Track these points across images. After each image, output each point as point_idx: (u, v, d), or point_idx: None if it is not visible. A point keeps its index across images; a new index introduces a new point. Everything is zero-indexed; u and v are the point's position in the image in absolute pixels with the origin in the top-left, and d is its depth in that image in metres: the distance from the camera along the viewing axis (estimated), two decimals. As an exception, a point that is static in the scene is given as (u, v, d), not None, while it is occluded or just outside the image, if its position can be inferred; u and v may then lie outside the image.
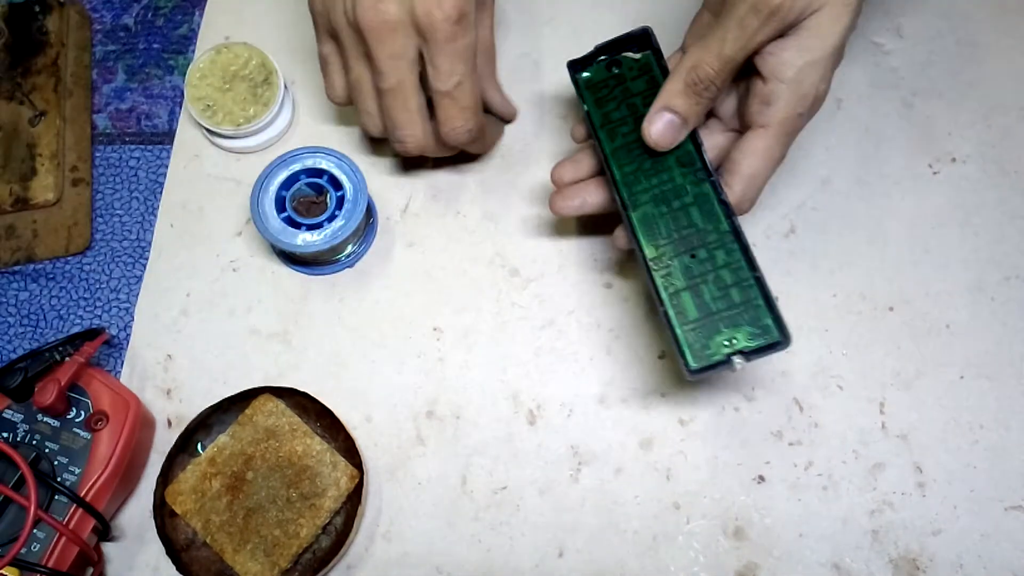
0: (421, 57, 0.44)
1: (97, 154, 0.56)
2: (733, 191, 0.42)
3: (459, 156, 0.53)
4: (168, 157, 0.56)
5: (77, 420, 0.46)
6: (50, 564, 0.43)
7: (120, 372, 0.51)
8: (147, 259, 0.53)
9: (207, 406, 0.48)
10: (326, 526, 0.46)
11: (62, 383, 0.45)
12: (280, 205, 0.50)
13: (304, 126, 0.56)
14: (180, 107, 0.57)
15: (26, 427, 0.46)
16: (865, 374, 0.50)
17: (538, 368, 0.50)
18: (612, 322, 0.51)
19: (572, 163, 0.48)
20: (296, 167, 0.50)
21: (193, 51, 0.58)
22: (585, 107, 0.46)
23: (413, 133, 0.46)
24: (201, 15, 0.59)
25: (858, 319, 0.51)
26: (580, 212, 0.47)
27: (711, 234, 0.42)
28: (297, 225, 0.49)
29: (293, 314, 0.52)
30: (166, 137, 0.56)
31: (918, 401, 0.49)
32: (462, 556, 0.47)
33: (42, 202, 0.54)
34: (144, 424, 0.48)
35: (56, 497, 0.44)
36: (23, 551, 0.43)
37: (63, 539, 0.43)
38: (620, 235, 0.45)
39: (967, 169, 0.54)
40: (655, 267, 0.43)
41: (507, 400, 0.50)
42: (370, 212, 0.52)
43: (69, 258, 0.54)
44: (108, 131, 0.57)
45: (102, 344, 0.50)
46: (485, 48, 0.49)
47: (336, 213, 0.49)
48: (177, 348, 0.51)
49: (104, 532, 0.46)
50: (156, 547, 0.46)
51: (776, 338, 0.40)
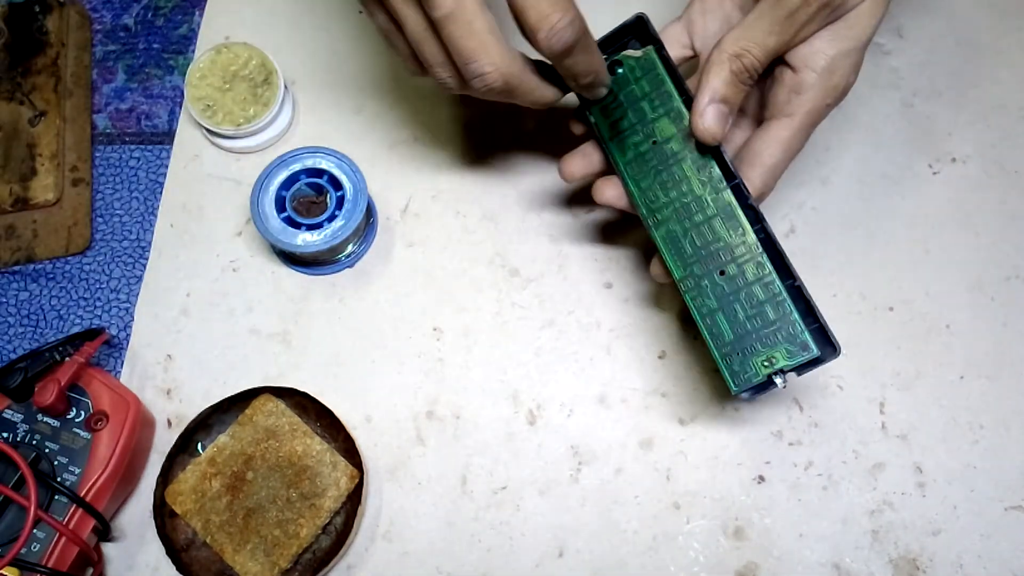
0: None
1: (97, 154, 0.56)
2: (753, 183, 0.41)
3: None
4: (168, 157, 0.56)
5: (77, 420, 0.46)
6: (50, 564, 0.43)
7: (120, 372, 0.51)
8: (147, 259, 0.53)
9: (207, 406, 0.48)
10: (326, 526, 0.46)
11: (62, 383, 0.45)
12: (280, 205, 0.50)
13: (304, 126, 0.56)
14: (180, 107, 0.57)
15: (26, 427, 0.46)
16: (865, 374, 0.50)
17: (538, 368, 0.50)
18: (612, 322, 0.51)
19: (581, 156, 0.46)
20: (296, 167, 0.50)
21: (193, 51, 0.58)
22: (592, 119, 0.44)
23: (491, 60, 0.37)
24: (201, 15, 0.59)
25: (858, 319, 0.51)
26: (588, 170, 0.45)
27: (739, 247, 0.40)
28: (297, 225, 0.49)
29: (293, 314, 0.52)
30: (166, 137, 0.56)
31: (918, 401, 0.49)
32: (462, 556, 0.47)
33: (42, 202, 0.54)
34: (144, 424, 0.48)
35: (56, 497, 0.44)
36: (23, 551, 0.43)
37: (63, 539, 0.43)
38: (657, 268, 0.43)
39: (967, 169, 0.54)
40: (685, 288, 0.41)
41: (507, 400, 0.50)
42: (370, 212, 0.52)
43: (69, 258, 0.54)
44: (108, 131, 0.57)
45: (102, 344, 0.50)
46: None
47: (336, 213, 0.49)
48: (177, 348, 0.51)
49: (104, 532, 0.46)
50: (156, 547, 0.46)
51: (815, 354, 0.38)
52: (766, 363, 0.39)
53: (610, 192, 0.44)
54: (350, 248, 0.52)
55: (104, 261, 0.54)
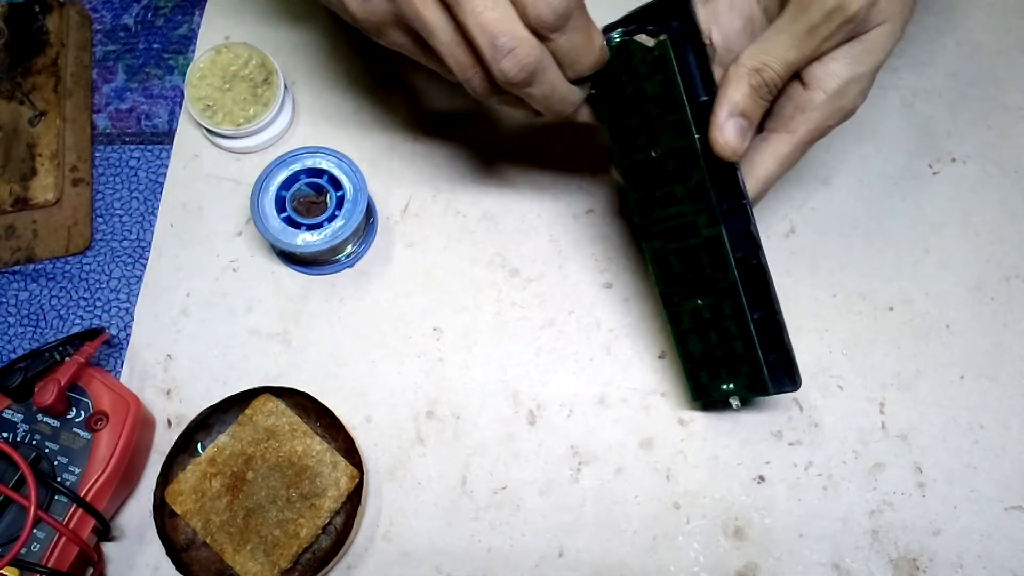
0: None
1: (97, 154, 0.56)
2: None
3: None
4: (168, 157, 0.56)
5: (77, 420, 0.46)
6: (50, 564, 0.43)
7: (120, 372, 0.51)
8: (147, 259, 0.53)
9: (207, 406, 0.48)
10: (326, 526, 0.46)
11: (62, 383, 0.45)
12: (280, 205, 0.50)
13: (304, 126, 0.56)
14: (180, 107, 0.57)
15: (26, 427, 0.46)
16: (865, 374, 0.50)
17: (538, 368, 0.50)
18: (612, 322, 0.51)
19: None
20: (296, 167, 0.50)
21: (193, 51, 0.58)
22: (600, 110, 0.42)
23: (518, 34, 0.34)
24: (201, 15, 0.59)
25: (858, 319, 0.51)
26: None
27: (721, 283, 0.41)
28: (297, 225, 0.49)
29: (293, 314, 0.52)
30: (166, 137, 0.56)
31: (918, 401, 0.49)
32: (462, 556, 0.47)
33: (42, 202, 0.54)
34: (144, 424, 0.48)
35: (56, 497, 0.44)
36: (23, 551, 0.43)
37: (63, 539, 0.43)
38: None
39: (967, 169, 0.54)
40: (665, 302, 0.44)
41: (507, 400, 0.50)
42: (370, 212, 0.52)
43: (69, 258, 0.54)
44: (108, 131, 0.57)
45: (102, 344, 0.50)
46: None
47: (336, 213, 0.49)
48: (177, 348, 0.51)
49: (104, 532, 0.46)
50: (156, 547, 0.46)
51: (770, 393, 0.43)
52: (725, 387, 0.44)
53: None
54: (350, 248, 0.52)
55: (104, 261, 0.54)
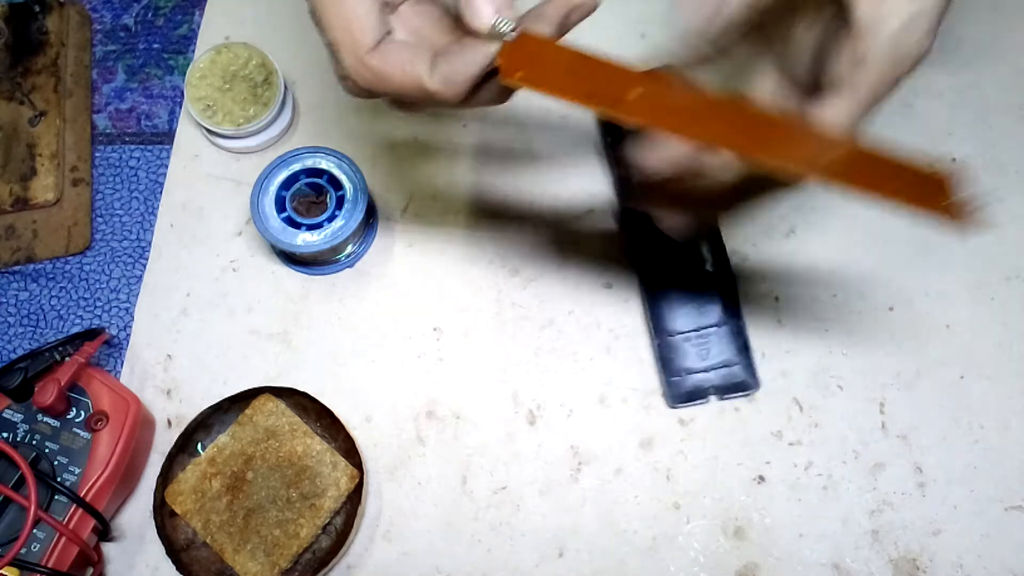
0: None
1: (97, 154, 0.56)
2: None
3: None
4: (168, 157, 0.56)
5: (77, 420, 0.46)
6: (50, 564, 0.43)
7: (120, 372, 0.51)
8: (147, 259, 0.53)
9: (207, 406, 0.48)
10: (326, 526, 0.46)
11: (62, 383, 0.45)
12: (280, 205, 0.50)
13: (304, 126, 0.56)
14: (180, 107, 0.57)
15: (26, 427, 0.46)
16: (865, 374, 0.50)
17: (538, 368, 0.50)
18: (612, 322, 0.51)
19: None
20: (296, 167, 0.50)
21: (193, 51, 0.58)
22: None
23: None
24: (201, 15, 0.59)
25: (858, 319, 0.51)
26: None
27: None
28: (297, 225, 0.49)
29: (293, 314, 0.52)
30: (166, 137, 0.56)
31: (918, 401, 0.49)
32: (462, 556, 0.47)
33: (42, 202, 0.54)
34: (144, 424, 0.48)
35: (56, 497, 0.44)
36: (23, 551, 0.43)
37: (63, 539, 0.43)
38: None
39: (967, 169, 0.54)
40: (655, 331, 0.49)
41: (507, 400, 0.50)
42: (370, 212, 0.52)
43: (69, 258, 0.54)
44: (108, 131, 0.57)
45: (102, 344, 0.50)
46: None
47: (336, 213, 0.49)
48: (177, 348, 0.51)
49: (104, 532, 0.46)
50: (156, 547, 0.46)
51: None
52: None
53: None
54: (350, 248, 0.52)
55: (104, 261, 0.54)
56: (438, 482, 0.49)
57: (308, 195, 0.51)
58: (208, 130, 0.54)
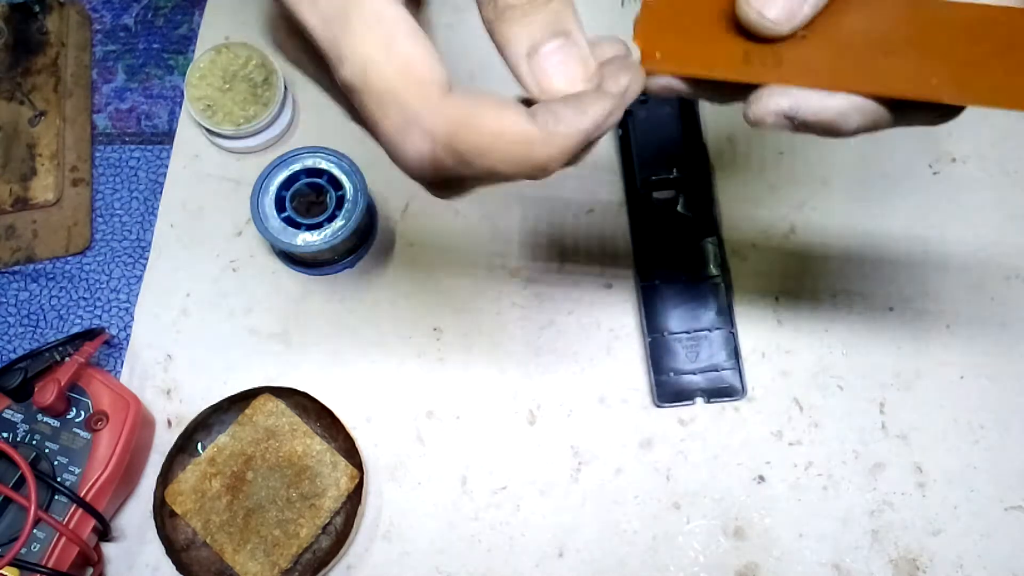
0: None
1: (97, 154, 0.56)
2: None
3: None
4: (168, 157, 0.56)
5: (77, 420, 0.46)
6: (50, 564, 0.43)
7: (120, 372, 0.51)
8: (147, 259, 0.53)
9: (207, 406, 0.48)
10: (326, 526, 0.46)
11: (62, 383, 0.45)
12: (280, 205, 0.50)
13: (304, 126, 0.56)
14: (180, 107, 0.57)
15: (26, 427, 0.46)
16: (865, 374, 0.50)
17: (538, 368, 0.50)
18: (612, 322, 0.51)
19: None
20: (296, 167, 0.50)
21: (193, 51, 0.58)
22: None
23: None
24: (201, 15, 0.59)
25: (858, 319, 0.51)
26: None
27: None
28: (297, 225, 0.49)
29: (293, 314, 0.52)
30: (166, 137, 0.56)
31: (918, 401, 0.49)
32: (462, 556, 0.47)
33: (42, 202, 0.54)
34: (144, 424, 0.48)
35: (56, 497, 0.44)
36: (23, 551, 0.43)
37: (63, 539, 0.43)
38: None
39: (967, 169, 0.54)
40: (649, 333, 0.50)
41: (507, 400, 0.50)
42: (370, 212, 0.52)
43: (69, 258, 0.54)
44: (108, 131, 0.57)
45: (102, 344, 0.50)
46: None
47: (336, 213, 0.49)
48: (177, 348, 0.51)
49: (104, 532, 0.46)
50: (156, 547, 0.46)
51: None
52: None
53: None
54: (350, 248, 0.52)
55: (104, 261, 0.54)
56: (438, 482, 0.49)
57: (308, 195, 0.51)
58: (208, 130, 0.54)
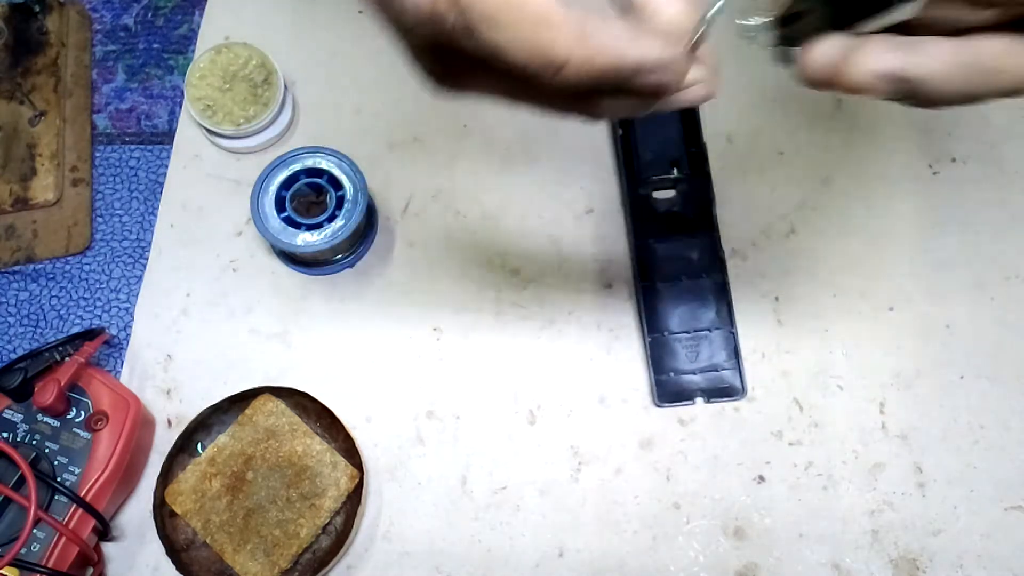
0: None
1: (97, 154, 0.56)
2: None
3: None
4: (168, 157, 0.56)
5: (77, 420, 0.46)
6: (50, 564, 0.43)
7: (120, 372, 0.51)
8: (147, 259, 0.53)
9: (207, 406, 0.48)
10: (326, 526, 0.46)
11: (62, 383, 0.45)
12: (280, 205, 0.50)
13: (304, 126, 0.56)
14: (180, 107, 0.57)
15: (26, 427, 0.46)
16: (865, 374, 0.50)
17: (538, 368, 0.50)
18: (612, 322, 0.51)
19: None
20: (296, 167, 0.50)
21: (193, 51, 0.58)
22: None
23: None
24: (201, 15, 0.59)
25: (858, 319, 0.51)
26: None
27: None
28: (297, 225, 0.49)
29: (293, 314, 0.52)
30: (166, 137, 0.56)
31: (918, 401, 0.49)
32: (462, 556, 0.47)
33: (42, 202, 0.54)
34: (144, 424, 0.48)
35: (56, 497, 0.44)
36: (23, 551, 0.43)
37: (63, 539, 0.43)
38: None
39: (967, 169, 0.54)
40: (649, 333, 0.50)
41: (507, 400, 0.50)
42: (370, 212, 0.52)
43: (69, 258, 0.54)
44: (108, 131, 0.57)
45: (102, 344, 0.50)
46: None
47: (336, 213, 0.49)
48: (177, 348, 0.51)
49: (104, 532, 0.46)
50: (156, 547, 0.46)
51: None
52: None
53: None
54: (350, 248, 0.52)
55: (104, 261, 0.54)
56: (438, 482, 0.49)
57: (308, 195, 0.51)
58: (208, 130, 0.54)
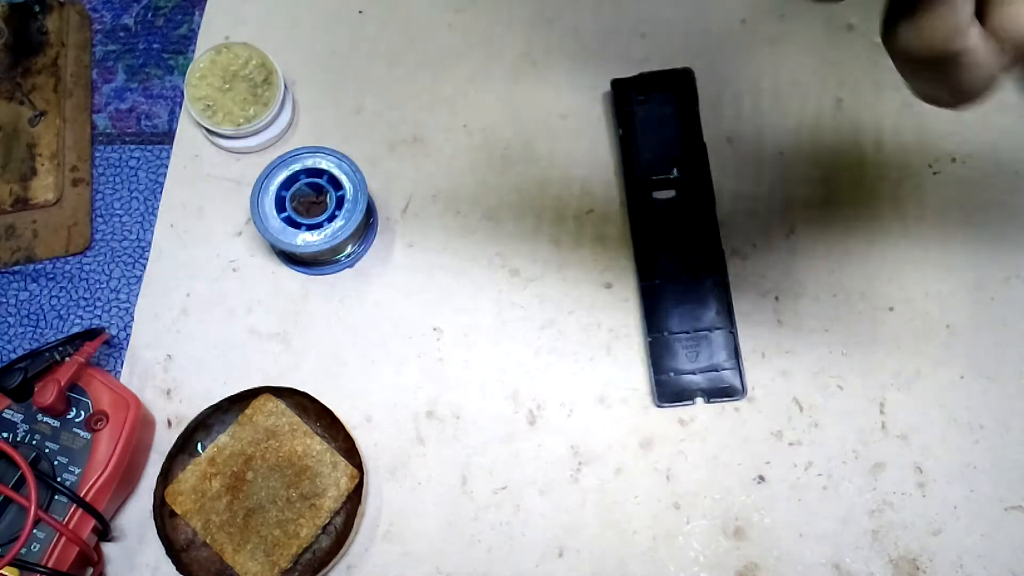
0: None
1: (97, 154, 0.56)
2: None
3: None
4: (168, 157, 0.56)
5: (77, 420, 0.46)
6: (50, 564, 0.43)
7: (120, 372, 0.51)
8: (147, 259, 0.53)
9: (207, 406, 0.48)
10: (326, 526, 0.46)
11: (62, 383, 0.45)
12: (280, 205, 0.50)
13: (304, 126, 0.56)
14: (180, 107, 0.57)
15: (26, 427, 0.46)
16: (865, 374, 0.50)
17: (538, 368, 0.50)
18: (612, 322, 0.51)
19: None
20: (296, 167, 0.50)
21: (193, 51, 0.58)
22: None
23: None
24: (201, 15, 0.59)
25: (858, 319, 0.51)
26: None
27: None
28: (297, 225, 0.49)
29: (293, 314, 0.52)
30: (166, 137, 0.56)
31: (918, 401, 0.49)
32: (462, 556, 0.47)
33: (42, 202, 0.54)
34: (144, 424, 0.48)
35: (56, 497, 0.44)
36: (23, 551, 0.43)
37: (63, 539, 0.43)
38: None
39: (967, 169, 0.54)
40: (651, 333, 0.50)
41: (507, 400, 0.50)
42: (370, 212, 0.52)
43: (69, 258, 0.54)
44: (108, 131, 0.57)
45: (102, 344, 0.50)
46: None
47: (336, 213, 0.49)
48: (177, 348, 0.51)
49: (104, 532, 0.46)
50: (156, 547, 0.46)
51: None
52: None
53: None
54: (350, 248, 0.52)
55: (104, 261, 0.54)
56: (438, 482, 0.49)
57: (308, 195, 0.51)
58: (208, 130, 0.54)
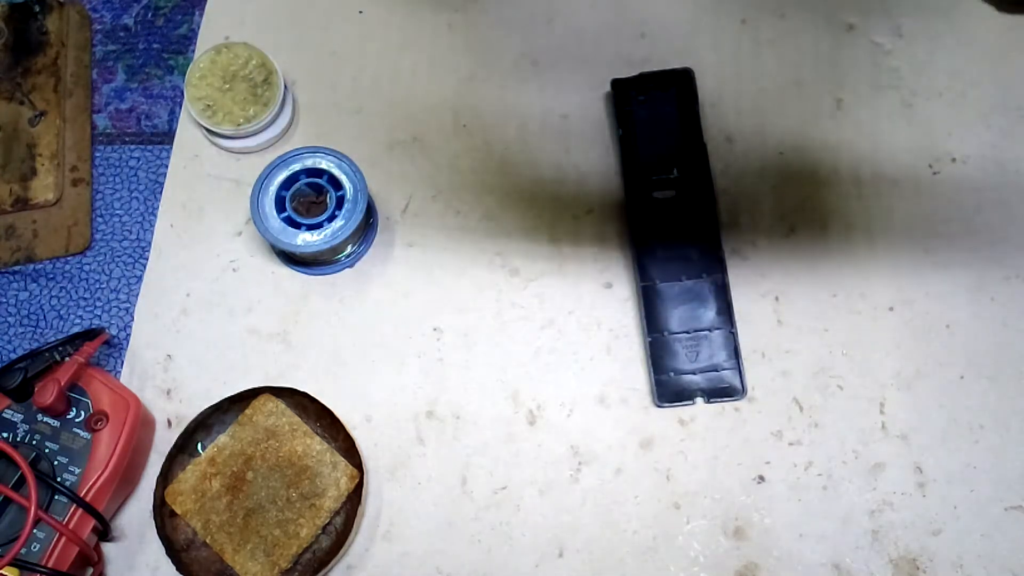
0: None
1: (97, 154, 0.56)
2: None
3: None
4: (168, 157, 0.56)
5: (77, 420, 0.46)
6: (50, 564, 0.43)
7: (120, 372, 0.51)
8: (147, 259, 0.53)
9: (207, 406, 0.48)
10: (326, 526, 0.46)
11: (62, 383, 0.45)
12: (280, 205, 0.50)
13: (304, 126, 0.56)
14: (180, 107, 0.57)
15: (26, 427, 0.46)
16: (865, 374, 0.50)
17: (538, 368, 0.50)
18: (612, 322, 0.51)
19: None
20: (296, 167, 0.50)
21: (193, 51, 0.58)
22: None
23: None
24: (201, 15, 0.59)
25: (858, 319, 0.51)
26: None
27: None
28: (297, 225, 0.49)
29: (293, 314, 0.52)
30: (166, 137, 0.56)
31: (918, 401, 0.49)
32: (462, 556, 0.47)
33: (42, 202, 0.54)
34: (144, 424, 0.48)
35: (56, 497, 0.44)
36: (23, 551, 0.43)
37: (63, 539, 0.43)
38: None
39: (967, 169, 0.54)
40: (650, 333, 0.50)
41: (507, 400, 0.50)
42: (370, 212, 0.52)
43: (69, 258, 0.54)
44: (108, 131, 0.57)
45: (102, 344, 0.50)
46: None
47: (336, 213, 0.49)
48: (177, 348, 0.51)
49: (104, 532, 0.46)
50: (156, 547, 0.46)
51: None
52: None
53: None
54: (350, 248, 0.52)
55: (104, 261, 0.54)
56: (438, 482, 0.49)
57: (308, 195, 0.51)
58: (208, 130, 0.54)
